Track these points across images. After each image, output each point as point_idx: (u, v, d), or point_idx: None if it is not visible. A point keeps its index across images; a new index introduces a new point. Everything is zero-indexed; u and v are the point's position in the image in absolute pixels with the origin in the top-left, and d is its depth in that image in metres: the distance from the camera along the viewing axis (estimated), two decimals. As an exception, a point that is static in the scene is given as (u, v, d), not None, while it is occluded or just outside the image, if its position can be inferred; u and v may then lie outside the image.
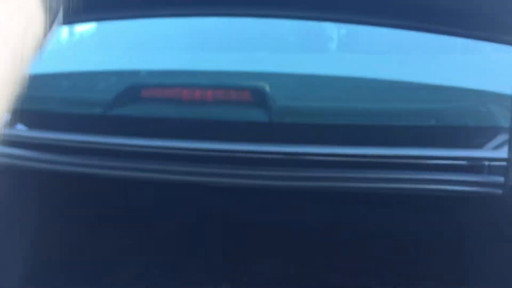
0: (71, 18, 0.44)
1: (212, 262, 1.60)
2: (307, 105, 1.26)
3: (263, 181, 1.09)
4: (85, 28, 1.72)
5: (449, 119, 1.16)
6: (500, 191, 0.96)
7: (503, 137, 0.98)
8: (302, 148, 1.09)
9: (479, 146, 1.03)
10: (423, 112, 1.18)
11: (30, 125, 1.30)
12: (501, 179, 0.95)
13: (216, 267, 1.59)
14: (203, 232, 1.48)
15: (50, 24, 0.40)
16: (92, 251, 1.49)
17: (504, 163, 0.95)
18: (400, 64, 1.42)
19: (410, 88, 1.23)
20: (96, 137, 1.23)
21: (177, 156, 1.18)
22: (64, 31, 1.67)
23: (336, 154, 1.06)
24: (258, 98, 1.28)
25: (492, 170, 0.98)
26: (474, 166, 1.00)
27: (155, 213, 1.47)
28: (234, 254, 1.48)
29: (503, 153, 0.94)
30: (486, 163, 1.00)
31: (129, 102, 1.37)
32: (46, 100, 1.47)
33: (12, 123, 1.37)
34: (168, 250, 1.64)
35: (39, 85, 1.33)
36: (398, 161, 1.02)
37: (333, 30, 1.61)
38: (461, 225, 1.13)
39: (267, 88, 1.28)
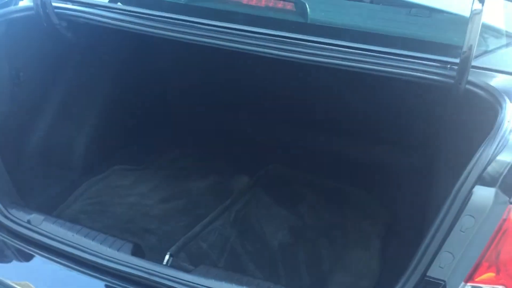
0: None
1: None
2: (330, 19, 1.83)
3: (292, 54, 1.65)
4: None
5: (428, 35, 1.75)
6: (452, 81, 1.53)
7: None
8: (322, 39, 1.66)
9: (450, 55, 1.60)
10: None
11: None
12: (454, 73, 1.53)
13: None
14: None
15: None
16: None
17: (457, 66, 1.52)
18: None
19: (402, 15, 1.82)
20: (182, 16, 1.78)
21: (236, 34, 1.73)
22: None
23: (346, 46, 1.62)
24: (299, 9, 1.83)
25: (450, 68, 1.56)
26: (441, 65, 1.57)
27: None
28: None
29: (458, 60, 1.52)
30: (448, 65, 1.57)
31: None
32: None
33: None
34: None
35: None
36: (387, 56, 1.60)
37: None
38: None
39: (307, 4, 1.83)
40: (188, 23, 1.78)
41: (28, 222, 1.67)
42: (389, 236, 2.24)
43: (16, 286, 1.58)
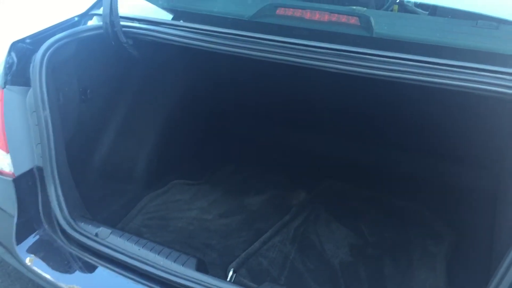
0: None
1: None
2: (396, 33, 1.79)
3: (358, 68, 1.62)
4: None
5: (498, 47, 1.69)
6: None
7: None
8: (387, 53, 1.62)
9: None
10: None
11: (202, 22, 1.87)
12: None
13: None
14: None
15: None
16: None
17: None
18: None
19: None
20: (246, 32, 1.79)
21: (299, 49, 1.71)
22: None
23: (415, 60, 1.57)
24: (364, 23, 1.80)
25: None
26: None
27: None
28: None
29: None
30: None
31: (268, 15, 1.92)
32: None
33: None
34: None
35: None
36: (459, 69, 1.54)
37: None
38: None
39: (371, 18, 1.81)
40: (251, 39, 1.78)
41: (96, 235, 1.71)
42: (455, 257, 2.15)
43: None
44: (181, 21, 2.02)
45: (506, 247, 1.41)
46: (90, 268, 1.70)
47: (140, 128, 2.48)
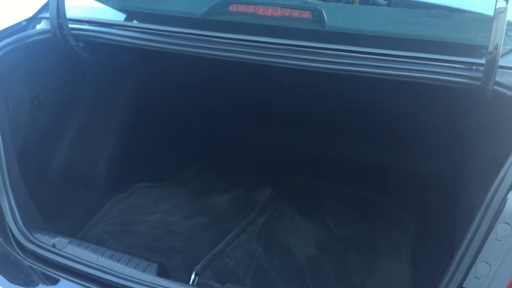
0: None
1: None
2: (349, 25, 1.80)
3: (311, 63, 1.62)
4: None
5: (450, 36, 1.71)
6: (478, 83, 1.48)
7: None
8: (342, 46, 1.62)
9: (474, 56, 1.55)
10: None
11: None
12: (480, 74, 1.47)
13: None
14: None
15: None
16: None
17: (482, 67, 1.47)
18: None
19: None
20: (198, 31, 1.77)
21: (254, 46, 1.70)
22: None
23: (366, 52, 1.58)
24: (316, 17, 1.79)
25: (476, 69, 1.51)
26: (466, 66, 1.52)
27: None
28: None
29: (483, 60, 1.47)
30: (474, 66, 1.52)
31: (221, 13, 1.89)
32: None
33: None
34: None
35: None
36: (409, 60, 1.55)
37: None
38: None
39: (324, 12, 1.80)
40: (204, 38, 1.76)
41: (53, 246, 1.66)
42: (419, 245, 2.18)
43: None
44: (133, 21, 1.98)
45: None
46: (51, 281, 1.65)
47: (99, 132, 2.42)
